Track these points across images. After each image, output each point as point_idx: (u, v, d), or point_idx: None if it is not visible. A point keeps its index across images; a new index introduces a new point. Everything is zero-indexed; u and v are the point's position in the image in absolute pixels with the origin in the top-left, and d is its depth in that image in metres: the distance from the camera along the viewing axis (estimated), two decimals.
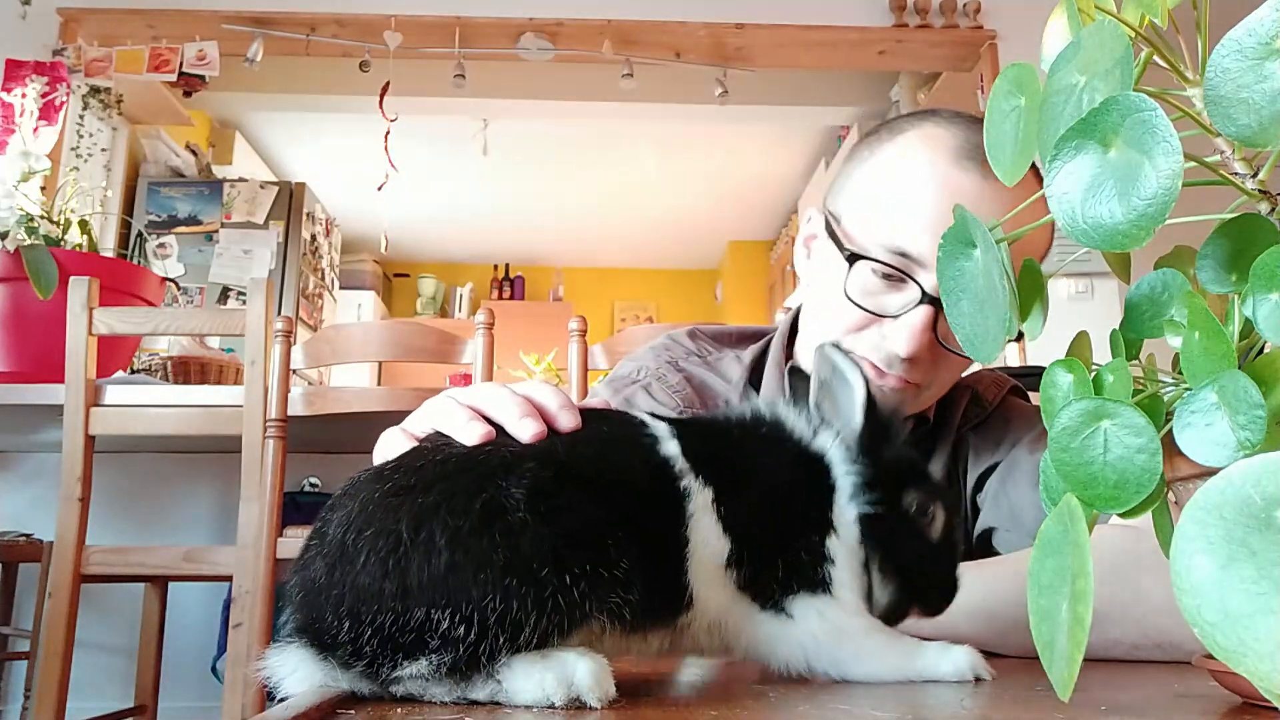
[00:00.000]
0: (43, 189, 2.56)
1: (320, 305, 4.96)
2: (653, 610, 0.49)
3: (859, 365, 0.56)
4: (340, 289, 5.55)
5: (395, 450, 0.53)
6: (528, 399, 0.54)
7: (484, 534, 0.44)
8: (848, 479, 0.55)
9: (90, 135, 3.60)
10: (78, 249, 2.50)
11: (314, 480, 2.80)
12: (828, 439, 0.57)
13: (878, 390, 0.82)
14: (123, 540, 2.43)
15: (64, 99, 3.31)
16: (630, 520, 0.48)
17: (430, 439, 0.53)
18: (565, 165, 5.65)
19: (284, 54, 3.73)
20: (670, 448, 0.53)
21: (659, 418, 0.56)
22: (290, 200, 4.48)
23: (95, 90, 3.54)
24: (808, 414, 0.58)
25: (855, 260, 0.86)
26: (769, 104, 4.37)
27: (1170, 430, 0.39)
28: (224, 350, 2.95)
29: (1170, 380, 0.44)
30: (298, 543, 0.64)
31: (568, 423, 0.53)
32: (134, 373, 2.64)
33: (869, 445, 0.56)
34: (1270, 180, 0.40)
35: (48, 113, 3.00)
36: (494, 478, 0.47)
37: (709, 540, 0.51)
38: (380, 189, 3.93)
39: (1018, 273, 0.46)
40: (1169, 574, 0.33)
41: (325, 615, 0.45)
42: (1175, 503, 0.43)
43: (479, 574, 0.44)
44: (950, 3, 3.78)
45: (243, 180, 4.54)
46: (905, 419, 0.93)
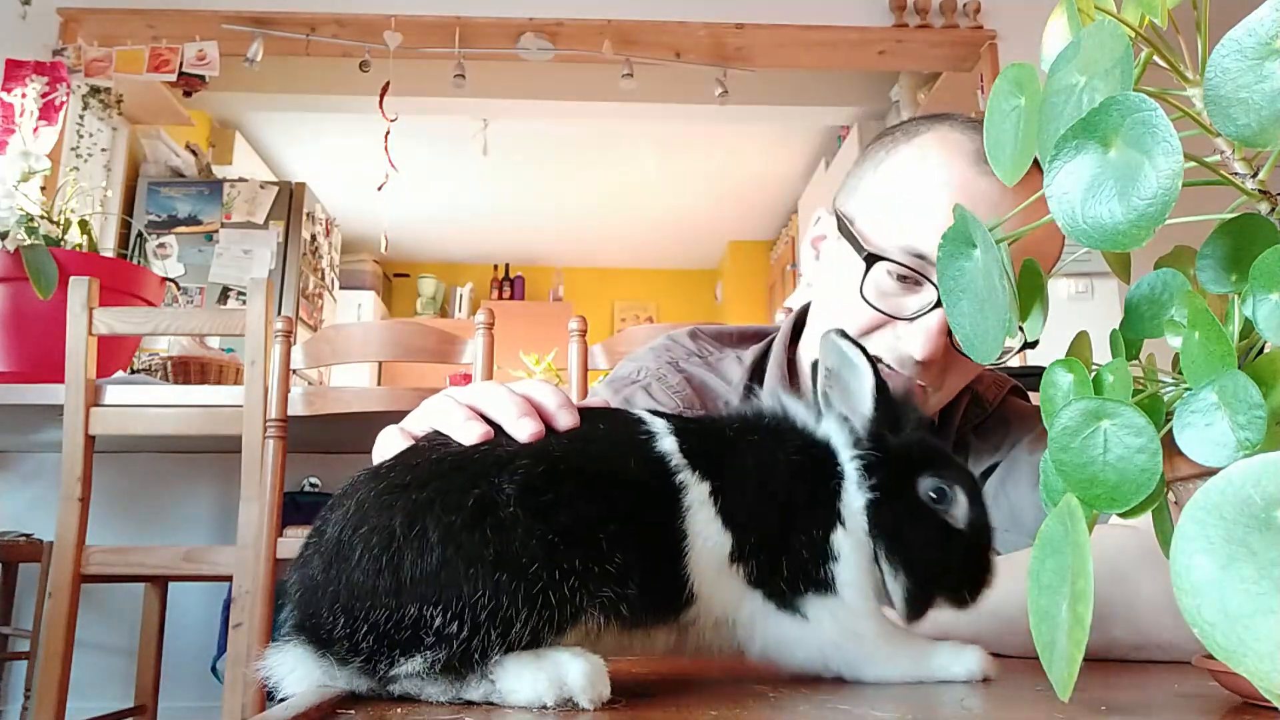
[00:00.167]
0: (43, 189, 2.56)
1: (320, 305, 4.96)
2: (652, 606, 0.49)
3: (866, 351, 0.54)
4: (340, 289, 5.55)
5: (394, 449, 0.53)
6: (526, 398, 0.54)
7: (475, 529, 0.45)
8: (853, 467, 0.53)
9: (90, 135, 3.60)
10: (78, 249, 2.50)
11: (314, 480, 2.80)
12: (832, 427, 0.55)
13: (887, 375, 0.80)
14: (123, 540, 2.43)
15: (64, 99, 3.31)
16: (624, 515, 0.48)
17: (428, 438, 0.53)
18: (565, 165, 5.64)
19: (284, 54, 3.73)
20: (667, 443, 0.52)
21: (656, 413, 0.56)
22: (290, 200, 4.48)
23: (95, 90, 3.54)
24: (810, 403, 0.57)
25: (874, 261, 0.85)
26: (769, 104, 4.37)
27: (1170, 430, 0.39)
28: (224, 350, 2.95)
29: (1170, 380, 0.44)
30: (298, 543, 0.64)
31: (566, 422, 0.53)
32: (134, 373, 2.64)
33: (879, 431, 0.54)
34: (1270, 180, 0.40)
35: (48, 113, 3.00)
36: (487, 475, 0.47)
37: (708, 534, 0.50)
38: (380, 189, 3.93)
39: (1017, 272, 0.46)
40: (1169, 574, 0.33)
41: (322, 612, 0.45)
42: (1175, 503, 0.43)
43: (470, 569, 0.44)
44: (950, 3, 3.78)
45: (243, 180, 4.54)
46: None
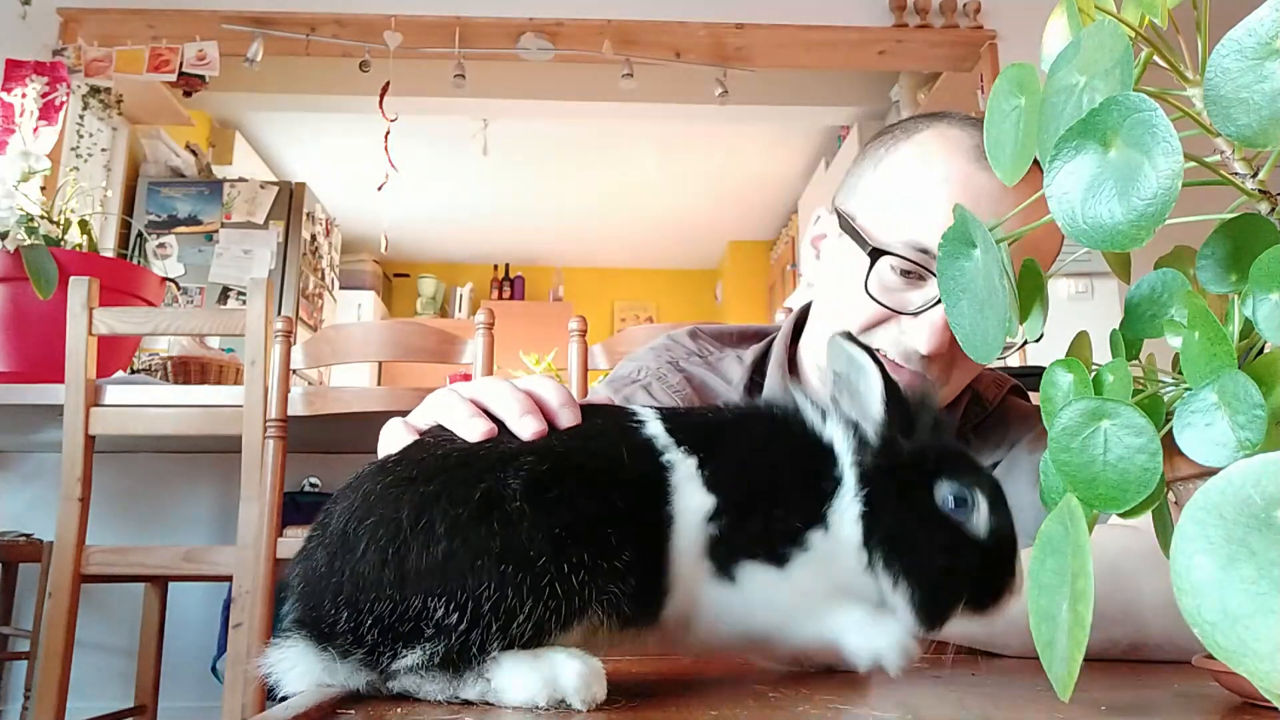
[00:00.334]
0: (43, 189, 2.56)
1: (320, 305, 4.96)
2: (646, 603, 0.49)
3: (873, 353, 0.53)
4: (340, 289, 5.55)
5: (399, 443, 0.53)
6: (529, 394, 0.54)
7: (482, 522, 0.45)
8: (852, 475, 0.52)
9: (90, 135, 3.60)
10: (78, 249, 2.50)
11: (314, 480, 2.80)
12: (836, 430, 0.54)
13: (896, 373, 0.79)
14: (122, 540, 2.43)
15: (64, 99, 3.31)
16: (628, 513, 0.48)
17: (433, 433, 0.53)
18: (565, 165, 5.64)
19: (284, 54, 3.73)
20: (664, 439, 0.52)
21: (653, 410, 0.56)
22: (290, 200, 4.48)
23: (95, 90, 3.54)
24: (814, 404, 0.56)
25: (878, 256, 0.85)
26: (769, 104, 4.37)
27: (1170, 430, 0.39)
28: (224, 350, 2.94)
29: (1170, 380, 0.44)
30: (298, 543, 0.64)
31: (568, 420, 0.53)
32: (134, 373, 2.64)
33: (890, 435, 0.53)
34: (1270, 180, 0.40)
35: (48, 113, 3.00)
36: (494, 470, 0.47)
37: (695, 505, 0.50)
38: (380, 189, 3.93)
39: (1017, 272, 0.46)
40: (1169, 574, 0.33)
41: (325, 604, 0.45)
42: (1175, 503, 0.43)
43: (476, 561, 0.44)
44: (950, 3, 3.78)
45: (243, 180, 4.53)
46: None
